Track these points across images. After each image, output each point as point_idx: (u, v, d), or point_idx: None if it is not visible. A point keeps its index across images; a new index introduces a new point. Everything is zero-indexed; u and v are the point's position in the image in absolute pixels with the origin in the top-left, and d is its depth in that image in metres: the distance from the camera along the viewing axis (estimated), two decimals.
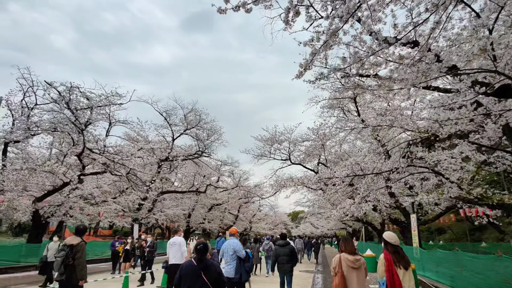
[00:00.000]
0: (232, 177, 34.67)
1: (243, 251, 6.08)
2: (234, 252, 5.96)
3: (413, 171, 8.55)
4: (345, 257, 4.38)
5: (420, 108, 8.59)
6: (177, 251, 7.54)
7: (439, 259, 8.70)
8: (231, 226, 41.96)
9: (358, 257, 4.43)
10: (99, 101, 14.26)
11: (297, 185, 22.24)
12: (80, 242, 5.10)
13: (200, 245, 3.63)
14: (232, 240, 6.21)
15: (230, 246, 6.03)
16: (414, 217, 12.13)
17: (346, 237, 4.75)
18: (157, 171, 21.34)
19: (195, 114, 20.93)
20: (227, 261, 5.99)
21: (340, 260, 4.41)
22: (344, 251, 4.47)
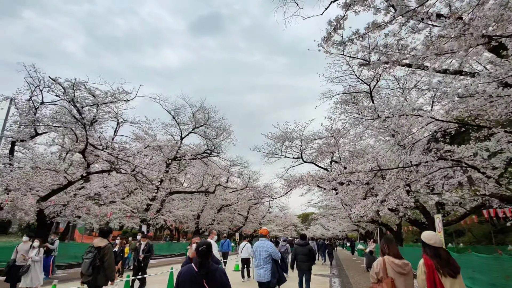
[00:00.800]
0: (241, 177, 34.02)
1: (278, 253, 5.66)
2: (268, 255, 5.51)
3: (443, 165, 7.72)
4: (391, 261, 3.67)
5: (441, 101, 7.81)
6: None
7: (477, 264, 7.81)
8: (240, 227, 41.31)
9: (406, 261, 3.70)
10: (105, 97, 13.80)
11: (309, 184, 21.48)
12: (107, 244, 5.25)
13: (203, 246, 2.97)
14: (264, 241, 5.73)
15: (263, 248, 5.57)
16: (439, 217, 11.23)
17: (389, 237, 3.96)
18: (165, 170, 20.83)
19: (203, 112, 20.41)
20: (259, 264, 5.54)
21: (384, 265, 3.69)
22: (388, 254, 3.74)
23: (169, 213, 23.14)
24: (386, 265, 3.67)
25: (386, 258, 3.71)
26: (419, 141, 7.68)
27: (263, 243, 5.61)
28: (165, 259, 19.83)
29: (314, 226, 70.78)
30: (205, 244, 3.01)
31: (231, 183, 33.64)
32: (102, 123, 15.75)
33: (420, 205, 14.53)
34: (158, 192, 21.18)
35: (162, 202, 21.94)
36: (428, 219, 15.32)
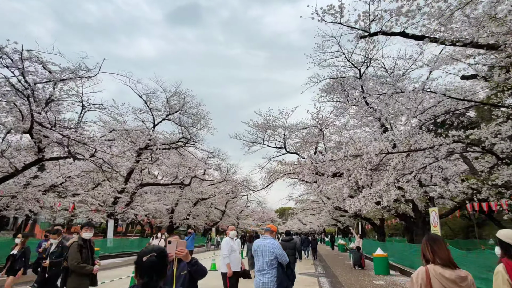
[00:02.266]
0: (219, 170, 32.48)
1: (286, 256, 4.25)
2: (274, 257, 4.13)
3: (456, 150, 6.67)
4: (438, 273, 2.37)
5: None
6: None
7: (490, 262, 6.85)
8: (217, 222, 39.85)
9: (463, 272, 2.40)
10: (62, 73, 11.86)
11: (289, 175, 20.35)
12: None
13: (150, 256, 1.59)
14: (268, 240, 4.31)
15: (267, 249, 4.18)
16: (435, 210, 10.36)
17: (434, 236, 2.60)
18: (135, 160, 18.97)
19: (179, 98, 18.63)
20: (262, 269, 4.16)
21: (428, 278, 2.40)
22: (433, 262, 2.45)
23: (140, 207, 21.28)
24: (431, 279, 2.38)
25: (431, 268, 2.40)
26: (426, 122, 6.58)
27: (267, 241, 4.25)
28: (135, 257, 18.08)
29: (292, 221, 70.53)
30: (155, 252, 1.61)
31: (208, 176, 32.06)
32: (60, 104, 13.77)
33: (406, 200, 13.75)
34: (128, 184, 19.31)
35: (132, 195, 20.08)
36: (417, 213, 14.62)
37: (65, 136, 8.87)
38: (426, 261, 2.49)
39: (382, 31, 7.58)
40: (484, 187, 9.95)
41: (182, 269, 2.59)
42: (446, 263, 2.38)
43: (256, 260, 4.19)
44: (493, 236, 15.35)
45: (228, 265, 5.55)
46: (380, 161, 6.67)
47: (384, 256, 11.36)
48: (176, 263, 2.64)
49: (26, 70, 10.80)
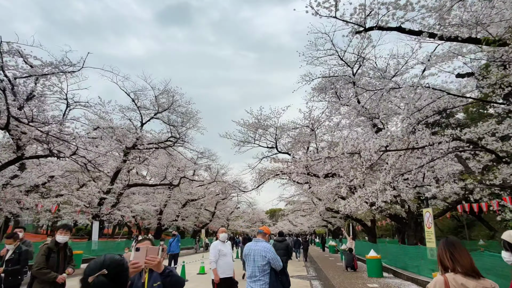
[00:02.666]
0: (209, 171, 31.98)
1: (280, 260, 3.85)
2: (267, 262, 3.73)
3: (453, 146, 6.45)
4: (460, 283, 2.04)
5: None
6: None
7: (489, 266, 6.64)
8: (207, 224, 39.28)
9: (488, 283, 2.07)
10: (43, 68, 11.30)
11: (281, 176, 20.08)
12: None
13: (100, 276, 1.23)
14: (260, 243, 3.91)
15: (259, 253, 3.78)
16: (429, 211, 10.19)
17: (453, 240, 2.26)
18: (122, 160, 18.38)
19: (167, 96, 18.12)
20: (253, 276, 3.76)
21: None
22: (453, 270, 2.11)
23: (127, 208, 20.65)
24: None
25: (450, 278, 2.05)
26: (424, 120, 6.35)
27: (259, 245, 3.86)
28: None
29: (282, 222, 70.35)
30: (107, 269, 1.23)
31: (198, 177, 31.55)
32: (43, 101, 13.15)
33: (402, 200, 13.60)
34: (114, 184, 18.70)
35: (118, 195, 19.44)
36: (409, 214, 14.49)
37: (43, 132, 8.34)
38: (445, 269, 2.15)
39: (378, 25, 7.33)
40: (478, 188, 9.84)
41: (154, 280, 2.16)
42: (469, 271, 2.04)
43: (247, 266, 3.83)
44: (482, 236, 15.30)
45: (214, 270, 5.16)
46: (378, 158, 6.40)
47: (378, 258, 11.13)
48: (147, 274, 2.20)
49: (5, 63, 10.27)
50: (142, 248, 1.99)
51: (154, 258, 1.99)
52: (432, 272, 8.83)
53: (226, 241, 5.82)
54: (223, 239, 5.75)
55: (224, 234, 5.84)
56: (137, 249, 1.99)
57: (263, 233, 4.01)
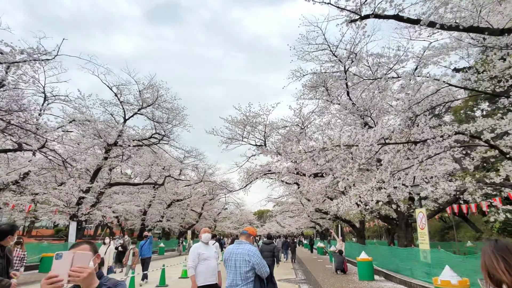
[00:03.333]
0: (196, 171, 31.15)
1: (266, 265, 3.23)
2: (251, 268, 3.13)
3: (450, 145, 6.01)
4: None
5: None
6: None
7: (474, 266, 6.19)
8: (193, 225, 38.38)
9: None
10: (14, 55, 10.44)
11: (268, 176, 19.55)
12: None
13: None
14: (244, 246, 3.31)
15: (242, 257, 3.18)
16: (422, 212, 9.80)
17: (505, 243, 1.59)
18: (103, 157, 17.50)
19: (152, 91, 17.33)
20: (235, 284, 3.15)
21: None
22: (507, 283, 1.49)
23: (108, 208, 19.71)
24: None
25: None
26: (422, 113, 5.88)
27: (241, 247, 3.25)
28: None
29: (270, 223, 69.88)
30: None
31: (185, 177, 30.72)
32: (19, 94, 12.26)
33: (393, 200, 13.25)
34: (94, 182, 17.77)
35: (99, 194, 18.51)
36: (399, 215, 14.15)
37: (4, 121, 7.53)
38: (496, 283, 1.54)
39: (375, 13, 6.86)
40: (476, 187, 9.50)
41: None
42: None
43: (227, 273, 3.23)
44: (468, 238, 14.99)
45: (192, 277, 4.52)
46: (376, 152, 5.89)
47: (369, 260, 10.69)
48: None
49: None
50: (66, 255, 1.33)
51: (82, 270, 1.32)
52: (426, 275, 8.42)
53: (213, 243, 5.14)
54: (205, 240, 5.09)
55: (207, 234, 5.15)
56: (58, 257, 1.32)
57: (247, 234, 3.42)
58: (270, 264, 8.36)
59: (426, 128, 5.41)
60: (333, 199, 18.97)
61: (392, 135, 5.50)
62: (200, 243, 4.90)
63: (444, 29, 6.49)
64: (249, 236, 3.41)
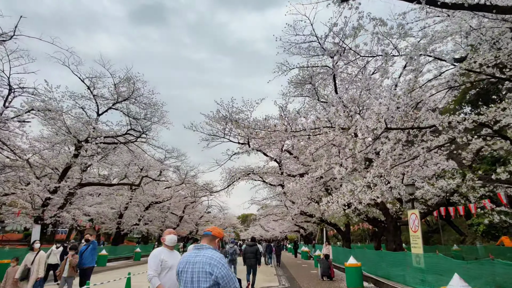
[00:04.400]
0: (178, 173, 29.86)
1: (235, 280, 2.29)
2: (214, 283, 2.22)
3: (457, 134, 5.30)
4: None
5: None
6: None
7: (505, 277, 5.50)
8: (174, 229, 36.93)
9: None
10: None
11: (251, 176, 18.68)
12: None
13: None
14: (205, 252, 2.38)
15: (202, 268, 2.27)
16: (415, 213, 9.12)
17: None
18: (73, 154, 16.15)
19: (128, 83, 16.13)
20: None
21: None
22: None
23: (78, 210, 18.28)
24: None
25: None
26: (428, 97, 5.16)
27: (201, 255, 2.34)
28: None
29: (253, 227, 68.88)
30: None
31: (165, 178, 29.37)
32: None
33: (381, 202, 12.62)
34: (62, 182, 16.35)
35: (68, 195, 17.07)
36: (387, 217, 13.53)
37: None
38: None
39: None
40: (466, 187, 8.92)
41: None
42: None
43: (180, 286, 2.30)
44: (452, 241, 14.38)
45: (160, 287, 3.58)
46: (376, 138, 5.09)
47: (358, 266, 9.92)
48: None
49: None
50: None
51: None
52: (421, 282, 7.70)
53: (181, 249, 4.16)
54: (170, 243, 4.12)
55: (171, 236, 4.19)
56: None
57: (210, 236, 2.50)
58: (253, 264, 9.51)
59: (430, 113, 4.69)
60: (318, 202, 18.29)
61: (394, 120, 4.74)
62: (162, 248, 3.95)
63: (447, 8, 5.83)
64: (214, 238, 2.50)
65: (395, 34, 4.44)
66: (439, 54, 4.94)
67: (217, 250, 2.39)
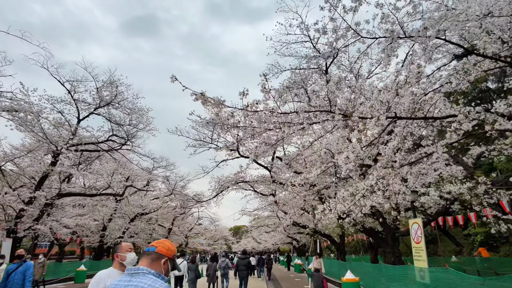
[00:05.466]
0: (167, 183, 28.79)
1: None
2: None
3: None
4: None
5: None
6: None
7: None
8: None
9: None
10: None
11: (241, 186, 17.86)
12: None
13: None
14: (141, 279, 1.54)
15: None
16: (418, 222, 8.39)
17: None
18: (51, 161, 15.14)
19: (111, 87, 15.29)
20: None
21: None
22: None
23: (56, 222, 17.09)
24: None
25: None
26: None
27: (134, 285, 1.50)
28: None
29: (246, 240, 67.41)
30: None
31: (153, 188, 28.25)
32: None
33: (377, 211, 11.89)
34: (38, 191, 15.24)
35: (44, 206, 15.91)
36: (385, 227, 12.78)
37: None
38: None
39: None
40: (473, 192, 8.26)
41: None
42: None
43: None
44: (450, 252, 13.48)
45: None
46: (382, 131, 4.36)
47: (356, 281, 9.10)
48: None
49: None
50: None
51: None
52: None
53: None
54: (131, 263, 3.16)
55: (133, 255, 3.24)
56: None
57: (153, 254, 1.69)
58: (245, 276, 10.27)
59: (443, 101, 3.99)
60: (312, 212, 17.49)
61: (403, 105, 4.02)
62: (111, 270, 2.99)
63: None
64: (158, 258, 1.69)
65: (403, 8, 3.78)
66: (451, 37, 4.31)
67: (161, 276, 1.58)
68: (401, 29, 4.08)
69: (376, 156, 6.50)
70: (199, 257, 48.01)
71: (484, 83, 18.89)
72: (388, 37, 4.04)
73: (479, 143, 9.48)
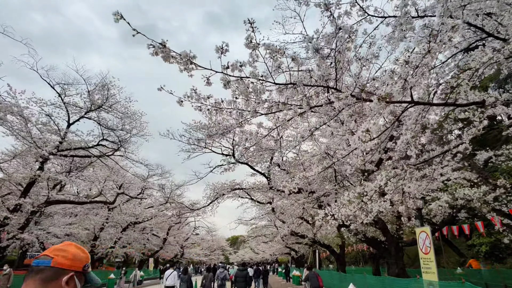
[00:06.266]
0: (162, 191, 28.04)
1: None
2: None
3: None
4: None
5: None
6: None
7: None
8: (157, 251, 34.44)
9: None
10: None
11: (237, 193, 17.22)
12: None
13: None
14: None
15: None
16: (426, 231, 7.78)
17: None
18: (38, 167, 14.48)
19: (103, 90, 14.75)
20: None
21: None
22: None
23: (43, 231, 16.32)
24: None
25: None
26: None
27: None
28: None
29: (243, 250, 66.17)
30: None
31: (148, 197, 27.49)
32: None
33: (379, 220, 11.26)
34: (23, 199, 14.54)
35: (31, 214, 15.18)
36: (388, 237, 12.13)
37: None
38: None
39: None
40: (478, 201, 7.69)
41: None
42: None
43: None
44: (454, 263, 12.70)
45: None
46: (396, 119, 3.82)
47: None
48: None
49: None
50: None
51: None
52: None
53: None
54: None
55: None
56: None
57: (48, 271, 1.10)
58: (243, 287, 10.39)
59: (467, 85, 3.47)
60: (309, 222, 16.82)
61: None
62: None
63: None
64: (57, 275, 1.08)
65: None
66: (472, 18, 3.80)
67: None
68: (414, 9, 3.56)
69: (381, 158, 5.93)
70: (192, 268, 46.63)
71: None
72: (398, 16, 3.52)
73: (486, 148, 8.99)
